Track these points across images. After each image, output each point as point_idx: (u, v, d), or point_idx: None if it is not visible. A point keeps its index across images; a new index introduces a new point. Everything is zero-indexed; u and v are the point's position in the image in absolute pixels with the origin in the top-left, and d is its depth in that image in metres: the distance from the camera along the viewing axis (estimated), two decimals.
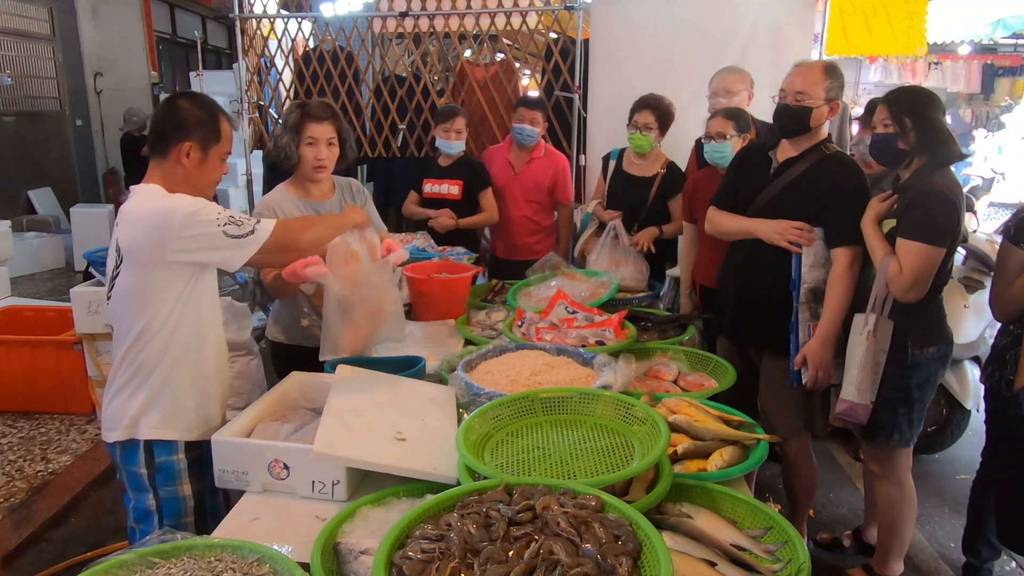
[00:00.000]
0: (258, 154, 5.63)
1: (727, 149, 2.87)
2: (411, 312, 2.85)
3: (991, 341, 2.63)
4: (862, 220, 2.32)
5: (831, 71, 2.40)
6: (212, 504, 1.95)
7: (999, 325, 2.51)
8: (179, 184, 1.83)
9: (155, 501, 1.89)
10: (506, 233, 3.85)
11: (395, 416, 1.83)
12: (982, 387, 2.62)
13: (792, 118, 2.41)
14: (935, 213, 2.18)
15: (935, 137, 2.23)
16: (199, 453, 1.91)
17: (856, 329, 2.32)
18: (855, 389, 2.30)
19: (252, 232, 1.76)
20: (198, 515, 1.91)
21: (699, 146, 3.35)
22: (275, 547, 1.31)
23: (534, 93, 5.05)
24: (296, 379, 2.14)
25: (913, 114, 2.23)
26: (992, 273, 2.68)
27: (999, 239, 2.54)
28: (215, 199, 1.87)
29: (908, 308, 2.25)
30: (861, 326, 2.29)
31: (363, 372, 2.05)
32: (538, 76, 5.31)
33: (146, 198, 1.78)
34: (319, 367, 2.17)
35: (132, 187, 1.84)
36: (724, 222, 2.61)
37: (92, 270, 3.91)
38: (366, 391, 1.94)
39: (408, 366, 2.18)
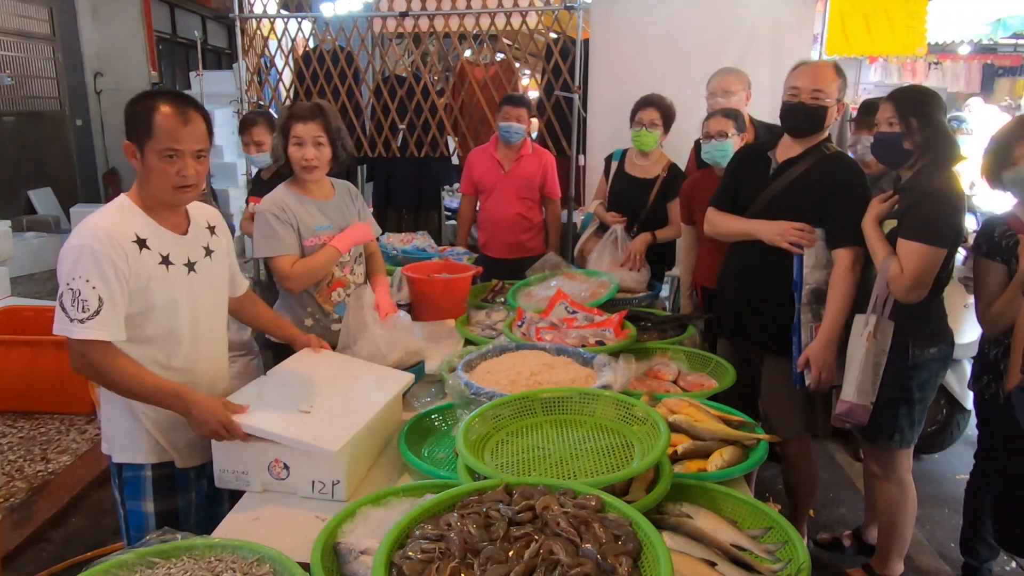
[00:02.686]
0: None
1: (729, 147, 2.86)
2: (411, 312, 2.84)
3: None
4: (863, 221, 2.31)
5: (840, 71, 2.40)
6: (209, 515, 1.89)
7: None
8: (143, 189, 1.75)
9: (123, 511, 1.87)
10: (499, 232, 3.85)
11: (316, 392, 1.88)
12: (971, 393, 2.59)
13: (809, 116, 2.38)
14: (936, 214, 2.18)
15: (940, 138, 2.22)
16: (170, 471, 1.87)
17: (856, 330, 2.31)
18: (855, 390, 2.28)
19: (81, 322, 1.60)
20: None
21: (699, 147, 3.35)
22: (275, 547, 1.31)
23: (534, 93, 5.06)
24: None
25: (920, 114, 2.22)
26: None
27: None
28: (214, 197, 1.84)
29: (909, 309, 2.24)
30: (861, 327, 2.29)
31: (326, 352, 2.12)
32: (538, 76, 5.31)
33: (83, 223, 1.68)
34: None
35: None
36: (724, 223, 2.60)
37: None
38: (309, 369, 1.99)
39: None
